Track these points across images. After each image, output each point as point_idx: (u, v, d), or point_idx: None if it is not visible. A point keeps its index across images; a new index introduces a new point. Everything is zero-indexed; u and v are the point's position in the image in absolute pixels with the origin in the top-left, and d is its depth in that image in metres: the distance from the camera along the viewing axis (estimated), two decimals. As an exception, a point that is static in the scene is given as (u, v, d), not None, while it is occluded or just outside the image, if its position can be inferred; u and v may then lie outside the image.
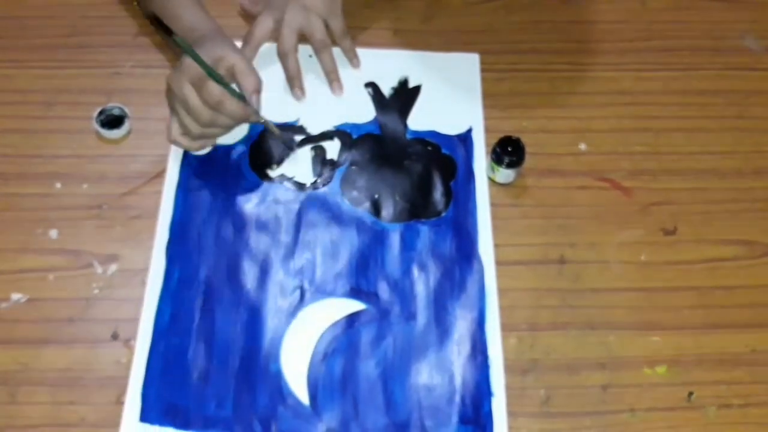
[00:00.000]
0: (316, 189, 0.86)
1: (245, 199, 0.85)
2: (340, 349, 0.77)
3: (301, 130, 0.90)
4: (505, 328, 0.79)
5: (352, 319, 0.79)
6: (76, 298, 0.79)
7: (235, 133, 0.88)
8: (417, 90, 0.94)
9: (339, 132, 0.90)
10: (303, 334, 0.78)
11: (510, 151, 0.85)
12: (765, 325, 0.81)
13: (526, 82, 0.96)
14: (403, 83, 0.94)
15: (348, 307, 0.80)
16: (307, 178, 0.87)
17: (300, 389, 0.75)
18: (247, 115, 0.83)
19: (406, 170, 0.88)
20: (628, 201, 0.88)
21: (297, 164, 0.88)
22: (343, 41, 0.95)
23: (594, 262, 0.84)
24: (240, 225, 0.83)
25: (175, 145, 0.85)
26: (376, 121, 0.92)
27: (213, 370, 0.75)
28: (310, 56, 0.94)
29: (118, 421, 0.73)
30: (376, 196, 0.86)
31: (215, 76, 0.79)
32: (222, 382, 0.75)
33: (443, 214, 0.85)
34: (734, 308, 0.82)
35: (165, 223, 0.83)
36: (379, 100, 0.93)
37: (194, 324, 0.77)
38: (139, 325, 0.77)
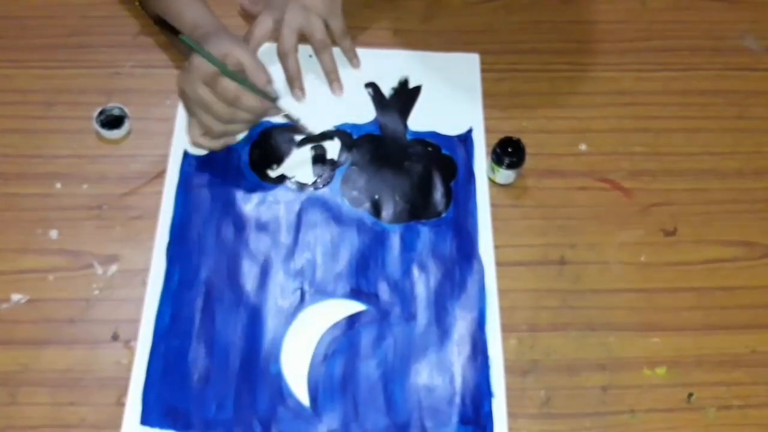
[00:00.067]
0: (316, 189, 0.86)
1: (245, 199, 0.85)
2: (341, 350, 0.77)
3: (301, 130, 0.90)
4: (506, 329, 0.79)
5: (352, 320, 0.79)
6: (77, 298, 0.79)
7: (236, 133, 0.89)
8: (417, 90, 0.94)
9: (339, 132, 0.90)
10: (303, 335, 0.78)
11: (510, 152, 0.85)
12: (765, 326, 0.81)
13: (526, 82, 0.96)
14: (404, 83, 0.94)
15: (348, 308, 0.80)
16: (307, 178, 0.87)
17: (300, 390, 0.75)
18: (265, 108, 0.83)
19: (406, 171, 0.88)
20: (628, 202, 0.88)
21: (297, 164, 0.88)
22: (343, 41, 0.95)
23: (594, 263, 0.84)
24: (240, 225, 0.83)
25: (198, 146, 0.85)
26: (376, 121, 0.91)
27: (213, 371, 0.75)
28: (310, 56, 0.94)
29: (118, 422, 0.73)
30: (377, 197, 0.86)
31: (228, 72, 0.79)
32: (222, 384, 0.75)
33: (443, 215, 0.85)
34: (734, 309, 0.82)
35: (165, 223, 0.83)
36: (379, 100, 0.93)
37: (194, 325, 0.77)
38: (140, 327, 0.77)
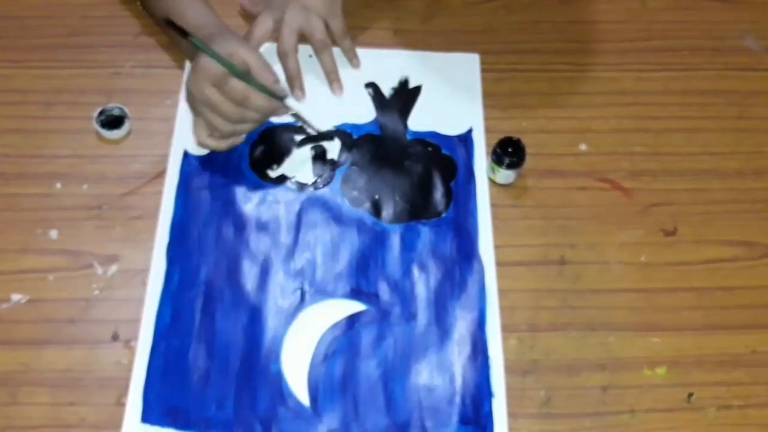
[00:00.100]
0: (316, 189, 0.86)
1: (245, 199, 0.85)
2: (341, 350, 0.77)
3: (302, 130, 0.90)
4: (506, 329, 0.79)
5: (352, 320, 0.79)
6: (77, 298, 0.79)
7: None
8: (417, 90, 0.94)
9: (339, 132, 0.90)
10: (303, 335, 0.78)
11: (510, 152, 0.85)
12: (765, 326, 0.81)
13: (526, 82, 0.96)
14: (404, 83, 0.94)
15: (348, 308, 0.79)
16: (308, 178, 0.87)
17: (300, 390, 0.75)
18: (273, 107, 0.84)
19: (406, 171, 0.88)
20: (628, 202, 0.88)
21: (297, 164, 0.88)
22: (343, 41, 0.94)
23: (594, 263, 0.84)
24: (240, 225, 0.83)
25: (204, 147, 0.85)
26: (376, 121, 0.91)
27: (213, 372, 0.75)
28: (310, 56, 0.94)
29: (118, 422, 0.73)
30: (377, 197, 0.86)
31: (237, 72, 0.79)
32: (223, 384, 0.75)
33: (443, 215, 0.85)
34: (734, 309, 0.82)
35: (165, 223, 0.83)
36: (379, 100, 0.93)
37: (195, 325, 0.77)
38: (140, 327, 0.77)
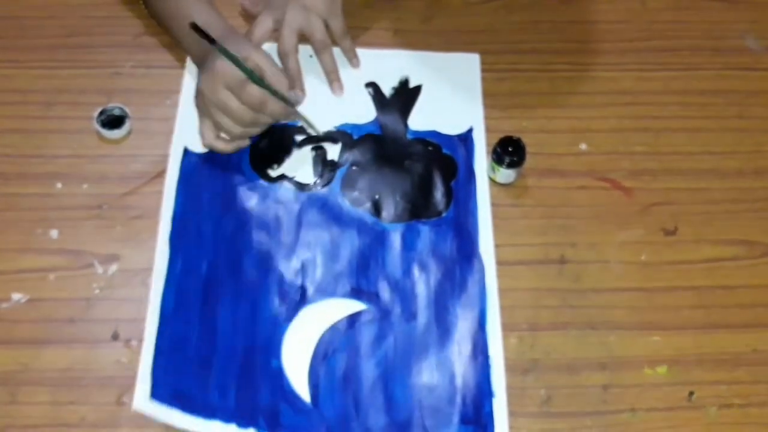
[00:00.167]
0: (316, 189, 0.86)
1: (246, 199, 0.85)
2: (341, 349, 0.77)
3: (302, 130, 0.90)
4: (506, 328, 0.79)
5: (352, 320, 0.79)
6: (77, 298, 0.79)
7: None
8: (417, 90, 0.94)
9: (339, 132, 0.90)
10: (304, 334, 0.78)
11: (510, 151, 0.85)
12: (766, 325, 0.81)
13: (526, 82, 0.96)
14: (404, 83, 0.94)
15: (349, 308, 0.79)
16: (308, 178, 0.87)
17: (301, 390, 0.75)
18: (288, 113, 0.84)
19: (406, 170, 0.88)
20: (628, 201, 0.88)
21: (298, 164, 0.88)
22: (343, 41, 0.95)
23: (594, 262, 0.84)
24: (241, 225, 0.83)
25: (210, 148, 0.85)
26: (376, 121, 0.91)
27: (213, 371, 0.75)
28: (311, 56, 0.94)
29: (118, 422, 0.73)
30: (377, 197, 0.86)
31: (256, 79, 0.80)
32: (223, 384, 0.75)
33: (444, 215, 0.85)
34: (735, 308, 0.82)
35: (166, 221, 0.83)
36: (379, 100, 0.93)
37: (195, 326, 0.77)
38: (144, 327, 0.77)
